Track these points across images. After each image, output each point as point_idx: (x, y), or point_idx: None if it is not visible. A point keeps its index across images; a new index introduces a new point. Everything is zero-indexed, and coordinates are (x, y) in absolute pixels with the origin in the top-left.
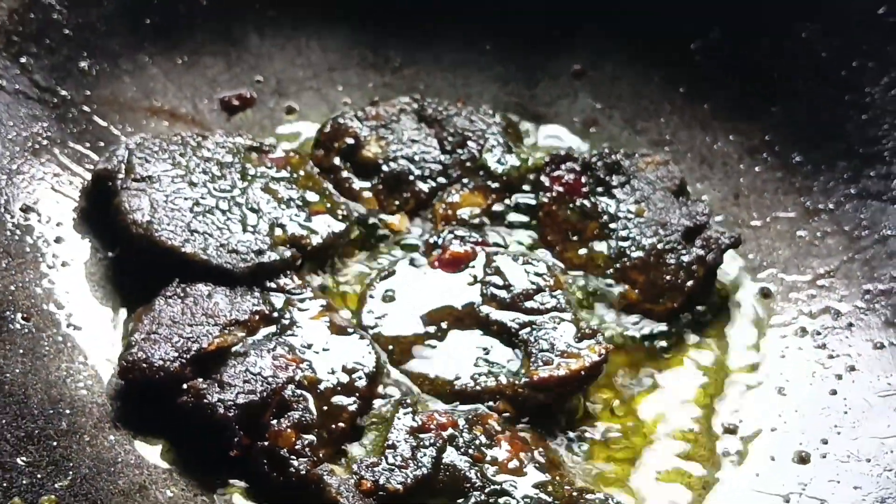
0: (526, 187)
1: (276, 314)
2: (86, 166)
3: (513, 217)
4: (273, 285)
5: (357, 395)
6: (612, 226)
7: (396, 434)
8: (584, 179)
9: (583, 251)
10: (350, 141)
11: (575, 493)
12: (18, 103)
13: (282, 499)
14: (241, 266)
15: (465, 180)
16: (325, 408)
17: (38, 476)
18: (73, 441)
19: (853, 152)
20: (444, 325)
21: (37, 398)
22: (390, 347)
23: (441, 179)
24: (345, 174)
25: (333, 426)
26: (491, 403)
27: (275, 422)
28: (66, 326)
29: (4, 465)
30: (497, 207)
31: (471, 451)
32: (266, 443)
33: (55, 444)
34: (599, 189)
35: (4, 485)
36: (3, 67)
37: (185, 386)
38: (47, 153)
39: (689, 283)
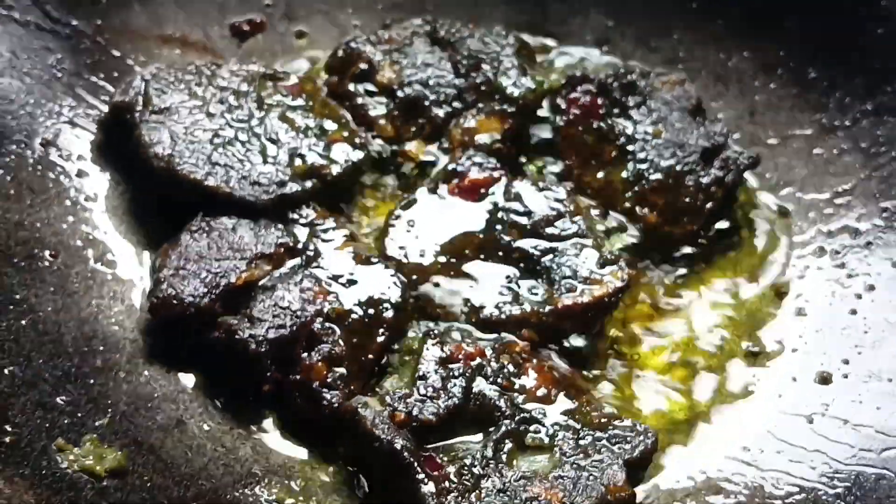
0: (543, 111)
1: (300, 246)
2: (101, 98)
3: (530, 141)
4: (295, 216)
5: (385, 325)
6: (630, 148)
7: (426, 365)
8: (600, 101)
9: (601, 175)
10: (363, 66)
11: (604, 420)
12: (31, 35)
13: (315, 430)
14: (263, 198)
15: (480, 105)
16: (354, 340)
17: (79, 415)
18: (110, 378)
19: (869, 67)
20: (466, 252)
21: (70, 336)
22: (414, 277)
23: (456, 104)
24: (360, 100)
25: (363, 358)
26: (516, 332)
27: (305, 355)
28: (94, 262)
29: (45, 404)
30: (514, 132)
31: (499, 380)
32: (298, 376)
33: (91, 381)
34: (616, 110)
35: (47, 425)
36: None
37: (217, 322)
38: (63, 86)
39: (709, 204)
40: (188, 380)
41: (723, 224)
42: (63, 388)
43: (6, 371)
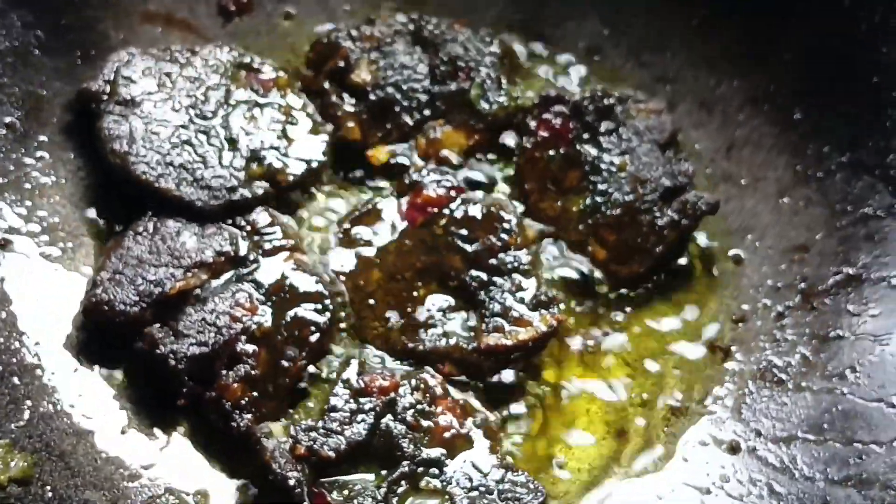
0: (512, 128)
1: (241, 256)
2: (75, 77)
3: (493, 160)
4: (243, 222)
5: (307, 349)
6: (592, 178)
7: (337, 397)
8: (571, 125)
9: (558, 202)
10: (341, 63)
11: (501, 470)
12: (11, 10)
13: (227, 446)
14: (212, 203)
15: (450, 116)
16: (275, 361)
17: None
18: (36, 377)
19: (855, 118)
20: (406, 275)
21: (5, 332)
22: (350, 297)
23: (427, 112)
24: (332, 98)
25: (280, 381)
26: (438, 364)
27: (224, 373)
28: (43, 252)
29: None
30: (480, 147)
31: (408, 417)
32: (213, 394)
33: (17, 381)
34: (586, 136)
35: None
36: None
37: (143, 332)
38: (38, 63)
39: (659, 247)
40: (114, 381)
41: (672, 266)
42: None
43: None
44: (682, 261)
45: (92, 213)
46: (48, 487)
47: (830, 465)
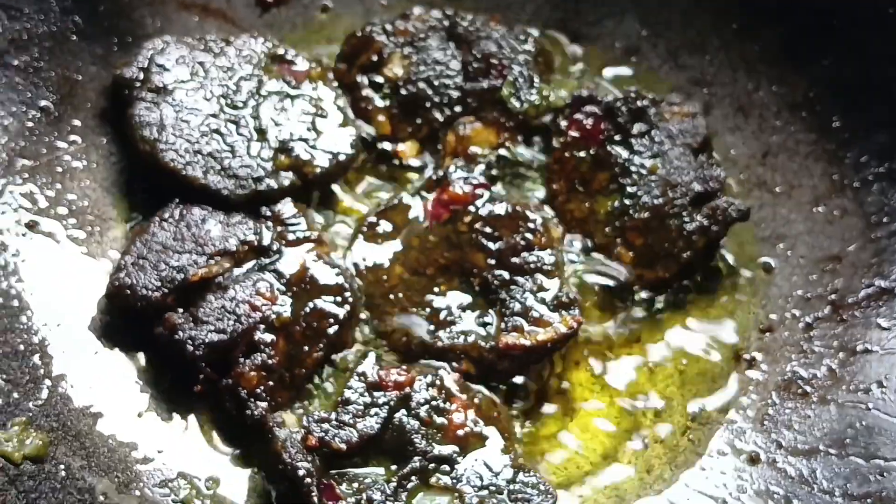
0: (541, 128)
1: (265, 245)
2: (111, 63)
3: (522, 159)
4: (269, 212)
5: (325, 340)
6: (622, 180)
7: (352, 389)
8: (603, 126)
9: (586, 204)
10: (374, 57)
11: (514, 470)
12: None
13: (242, 433)
14: (238, 192)
15: (481, 113)
16: (292, 351)
17: (15, 396)
18: (56, 358)
19: (895, 124)
20: (428, 271)
21: (29, 311)
22: (371, 291)
23: (457, 108)
24: (364, 92)
25: (297, 371)
26: (455, 362)
27: (241, 360)
28: (68, 237)
29: None
30: (509, 146)
31: (422, 413)
32: (230, 381)
33: (38, 360)
34: (617, 137)
35: None
36: None
37: (163, 317)
38: (75, 48)
39: (686, 253)
40: (134, 365)
41: (700, 272)
42: (8, 366)
43: None
44: (711, 267)
45: (121, 197)
46: (62, 466)
47: (851, 480)
